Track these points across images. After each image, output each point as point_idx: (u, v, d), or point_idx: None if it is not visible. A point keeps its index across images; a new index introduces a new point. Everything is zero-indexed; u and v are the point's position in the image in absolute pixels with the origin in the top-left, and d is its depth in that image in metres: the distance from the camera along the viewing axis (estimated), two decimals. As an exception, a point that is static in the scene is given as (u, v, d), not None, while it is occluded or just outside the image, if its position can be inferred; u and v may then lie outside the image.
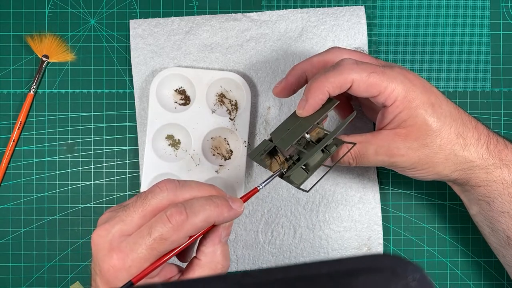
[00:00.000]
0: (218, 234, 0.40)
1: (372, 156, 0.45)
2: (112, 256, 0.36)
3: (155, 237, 0.36)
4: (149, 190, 0.39)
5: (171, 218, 0.36)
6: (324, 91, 0.43)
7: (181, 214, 0.36)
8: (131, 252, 0.36)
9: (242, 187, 0.53)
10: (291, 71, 0.48)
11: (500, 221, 0.46)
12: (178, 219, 0.36)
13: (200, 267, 0.39)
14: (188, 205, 0.37)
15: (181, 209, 0.37)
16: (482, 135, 0.45)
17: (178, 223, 0.36)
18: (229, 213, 0.39)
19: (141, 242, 0.36)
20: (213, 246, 0.39)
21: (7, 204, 0.55)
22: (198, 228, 0.37)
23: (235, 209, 0.39)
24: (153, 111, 0.54)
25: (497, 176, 0.45)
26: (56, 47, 0.56)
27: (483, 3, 0.57)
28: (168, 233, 0.36)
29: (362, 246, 0.55)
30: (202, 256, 0.39)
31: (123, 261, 0.36)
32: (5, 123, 0.56)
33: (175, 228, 0.36)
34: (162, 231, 0.36)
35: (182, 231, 0.36)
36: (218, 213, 0.38)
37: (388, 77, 0.43)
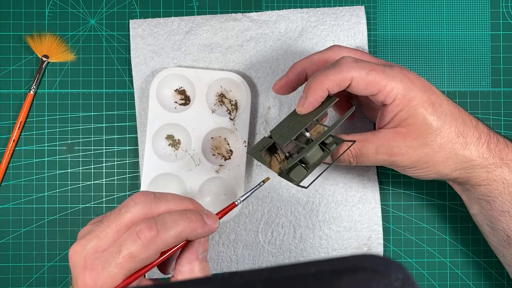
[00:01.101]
0: (194, 251, 0.39)
1: (372, 155, 0.45)
2: (85, 275, 0.36)
3: (125, 255, 0.35)
4: (123, 203, 0.38)
5: (140, 235, 0.35)
6: (324, 88, 0.43)
7: (151, 230, 0.36)
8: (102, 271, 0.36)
9: (242, 187, 0.53)
10: (291, 68, 0.48)
11: (501, 220, 0.46)
12: (148, 235, 0.35)
13: None
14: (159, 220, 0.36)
15: (151, 224, 0.36)
16: (482, 134, 0.45)
17: (148, 240, 0.35)
18: (203, 229, 0.38)
19: (111, 260, 0.36)
20: (189, 263, 0.38)
21: (7, 204, 0.55)
22: (170, 244, 0.36)
23: (210, 225, 0.38)
24: (153, 111, 0.54)
25: (497, 175, 0.45)
26: (56, 47, 0.56)
27: (483, 3, 0.57)
28: (138, 250, 0.35)
29: (362, 246, 0.55)
30: (179, 275, 0.38)
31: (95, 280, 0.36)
32: (5, 123, 0.56)
33: (145, 245, 0.35)
34: (131, 248, 0.35)
35: (152, 248, 0.36)
36: (192, 228, 0.37)
37: (387, 76, 0.43)
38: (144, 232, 0.36)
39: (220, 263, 0.55)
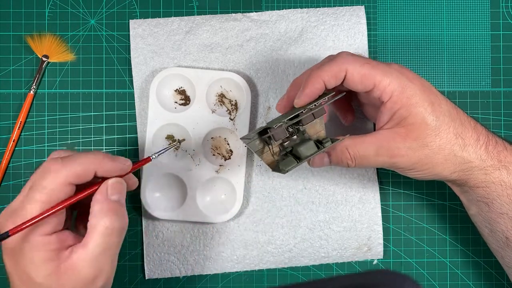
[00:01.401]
0: (103, 191, 0.40)
1: (372, 157, 0.45)
2: (7, 225, 0.38)
3: (36, 188, 0.38)
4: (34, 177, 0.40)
5: (47, 167, 0.38)
6: (320, 80, 0.44)
7: (56, 162, 0.38)
8: (21, 212, 0.38)
9: (242, 187, 0.53)
10: (291, 85, 0.49)
11: (499, 222, 0.46)
12: (54, 167, 0.38)
13: (91, 227, 0.39)
14: (66, 157, 0.39)
15: (56, 159, 0.39)
16: (481, 136, 0.45)
17: (55, 171, 0.38)
18: (112, 163, 0.40)
19: (27, 199, 0.38)
20: (99, 203, 0.40)
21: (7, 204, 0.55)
22: (78, 174, 0.38)
23: (118, 161, 0.41)
24: (153, 111, 0.54)
25: (496, 177, 0.45)
26: (56, 47, 0.56)
27: (483, 3, 0.57)
28: (46, 181, 0.38)
29: (362, 246, 0.55)
30: (91, 216, 0.40)
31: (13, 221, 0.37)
32: (5, 123, 0.56)
33: (52, 176, 0.38)
34: (41, 181, 0.38)
35: (60, 177, 0.38)
36: (99, 162, 0.39)
37: (382, 71, 0.44)
38: (50, 164, 0.38)
39: (220, 263, 0.55)
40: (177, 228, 0.55)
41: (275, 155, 0.47)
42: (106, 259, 0.39)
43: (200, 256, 0.55)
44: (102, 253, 0.39)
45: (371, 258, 0.56)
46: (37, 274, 0.38)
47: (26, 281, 0.38)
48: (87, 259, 0.38)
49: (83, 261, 0.38)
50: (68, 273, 0.38)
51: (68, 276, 0.38)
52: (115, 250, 0.40)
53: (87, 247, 0.39)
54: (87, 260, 0.38)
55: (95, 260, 0.39)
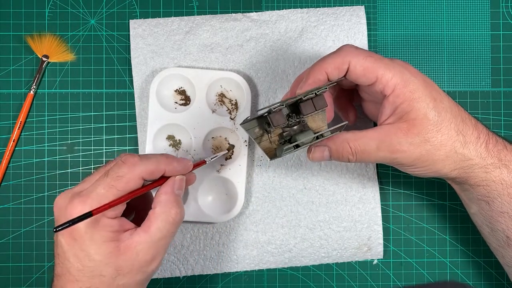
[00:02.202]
0: (171, 184, 0.44)
1: (374, 152, 0.45)
2: (73, 203, 0.40)
3: (112, 176, 0.40)
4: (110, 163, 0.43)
5: (125, 161, 0.41)
6: (323, 71, 0.45)
7: (133, 157, 0.42)
8: (91, 193, 0.40)
9: (243, 186, 0.53)
10: (295, 81, 0.50)
11: (500, 221, 0.46)
12: (132, 160, 0.41)
13: (154, 214, 0.42)
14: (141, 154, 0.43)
15: (133, 154, 0.42)
16: (481, 134, 0.45)
17: (131, 163, 0.41)
18: (179, 163, 0.44)
19: (99, 182, 0.40)
20: (165, 194, 0.43)
21: (7, 204, 0.55)
22: (150, 171, 0.42)
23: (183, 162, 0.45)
24: (153, 112, 0.54)
25: (496, 176, 0.45)
26: (56, 47, 0.56)
27: (483, 3, 0.57)
28: (123, 171, 0.41)
29: (362, 246, 0.55)
30: (157, 204, 0.42)
31: (84, 203, 0.39)
32: (5, 123, 0.56)
33: (129, 168, 0.41)
34: (118, 170, 0.41)
35: (136, 171, 0.41)
36: (168, 161, 0.43)
37: (385, 65, 0.44)
38: (128, 158, 0.41)
39: (220, 263, 0.55)
40: (177, 228, 0.55)
41: (273, 143, 0.47)
42: (163, 245, 0.42)
43: (200, 256, 0.55)
44: (161, 239, 0.42)
45: (371, 258, 0.56)
46: (97, 252, 0.40)
47: (83, 258, 0.40)
48: (147, 242, 0.41)
49: (143, 243, 0.41)
50: (127, 253, 0.41)
51: (126, 256, 0.41)
52: (171, 239, 0.43)
53: (149, 231, 0.41)
54: (147, 243, 0.41)
55: (154, 245, 0.41)
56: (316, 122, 0.47)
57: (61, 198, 0.41)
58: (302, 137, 0.45)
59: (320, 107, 0.45)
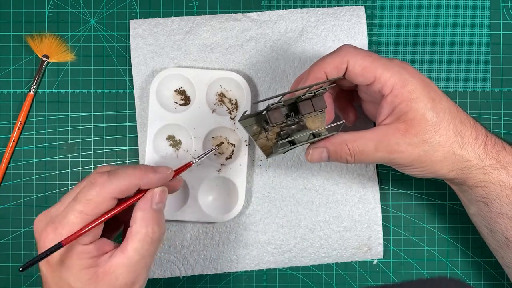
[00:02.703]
0: (148, 200, 0.41)
1: (372, 153, 0.45)
2: (48, 231, 0.39)
3: (81, 200, 0.38)
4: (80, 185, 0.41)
5: (93, 181, 0.39)
6: (322, 71, 0.45)
7: (102, 176, 0.39)
8: (62, 220, 0.38)
9: (243, 185, 0.53)
10: (294, 82, 0.50)
11: (499, 222, 0.46)
12: (100, 180, 0.39)
13: (131, 233, 0.40)
14: (110, 171, 0.40)
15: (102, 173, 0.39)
16: (480, 135, 0.45)
17: (100, 184, 0.38)
18: (155, 174, 0.41)
19: (70, 209, 0.38)
20: (142, 211, 0.40)
21: (7, 204, 0.55)
22: (123, 189, 0.39)
23: (160, 172, 0.41)
24: (153, 112, 0.54)
25: (494, 177, 0.45)
26: (56, 47, 0.56)
27: (483, 3, 0.57)
28: (92, 194, 0.38)
29: (362, 246, 0.55)
30: (133, 222, 0.40)
31: (55, 231, 0.38)
32: (5, 123, 0.56)
33: (98, 189, 0.38)
34: (86, 193, 0.38)
35: (106, 191, 0.38)
36: (142, 175, 0.40)
37: (384, 65, 0.44)
38: (96, 178, 0.39)
39: (220, 263, 0.55)
40: (177, 228, 0.55)
41: (270, 140, 0.46)
42: (143, 266, 0.40)
43: (200, 256, 0.55)
44: (140, 260, 0.40)
45: (371, 258, 0.56)
46: (75, 281, 0.39)
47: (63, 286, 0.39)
48: (125, 265, 0.39)
49: (121, 266, 0.39)
50: (105, 278, 0.39)
51: (105, 281, 0.39)
52: (152, 258, 0.41)
53: (127, 253, 0.39)
54: (125, 266, 0.39)
55: (133, 266, 0.39)
56: (315, 123, 0.47)
57: (38, 221, 0.40)
58: (300, 136, 0.45)
59: (319, 108, 0.45)
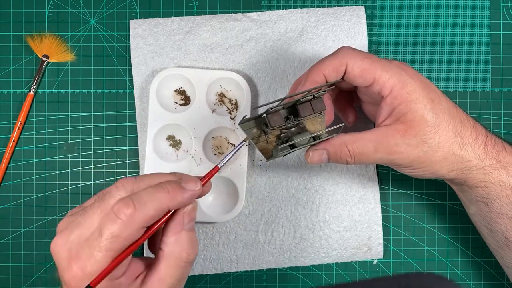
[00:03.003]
0: (179, 222, 0.38)
1: (371, 154, 0.45)
2: (72, 266, 0.35)
3: (107, 237, 0.35)
4: (106, 190, 0.37)
5: (118, 214, 0.35)
6: (321, 73, 0.45)
7: (128, 206, 0.35)
8: (89, 258, 0.35)
9: (243, 185, 0.53)
10: (293, 86, 0.50)
11: (499, 222, 0.46)
12: (126, 213, 0.35)
13: (164, 258, 0.38)
14: (135, 197, 0.36)
15: (127, 201, 0.35)
16: (480, 135, 0.45)
17: (127, 217, 0.35)
18: (183, 195, 0.38)
19: (95, 245, 0.35)
20: (175, 234, 0.38)
21: (7, 204, 0.55)
22: (150, 217, 0.36)
23: (190, 189, 0.38)
24: (153, 112, 0.54)
25: (495, 177, 0.45)
26: (56, 47, 0.56)
27: (483, 3, 0.57)
28: (119, 229, 0.35)
29: (362, 246, 0.55)
30: (165, 246, 0.38)
31: (82, 269, 0.35)
32: (5, 123, 0.56)
33: (125, 223, 0.35)
34: (112, 229, 0.35)
35: (134, 224, 0.35)
36: (170, 198, 0.37)
37: (382, 66, 0.44)
38: (121, 210, 0.35)
39: (220, 263, 0.55)
40: (177, 228, 0.55)
41: (270, 143, 0.47)
42: None
43: (200, 256, 0.55)
44: (175, 284, 0.38)
45: (371, 258, 0.56)
46: None
47: None
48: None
49: None
50: None
51: None
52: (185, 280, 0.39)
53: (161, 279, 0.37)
54: None
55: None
56: (315, 125, 0.47)
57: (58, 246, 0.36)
58: (299, 139, 0.45)
59: (319, 110, 0.45)
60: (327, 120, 0.48)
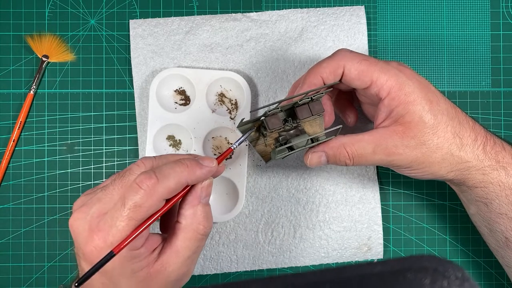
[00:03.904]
0: (197, 195, 0.40)
1: (370, 155, 0.45)
2: (93, 238, 0.36)
3: (130, 206, 0.36)
4: (126, 168, 0.39)
5: (141, 184, 0.36)
6: (318, 76, 0.45)
7: (150, 178, 0.37)
8: (110, 228, 0.36)
9: (244, 185, 0.53)
10: (292, 88, 0.50)
11: (499, 222, 0.46)
12: (149, 184, 0.36)
13: (181, 230, 0.39)
14: (157, 170, 0.38)
15: (150, 174, 0.37)
16: (479, 136, 0.45)
17: (149, 188, 0.36)
18: (202, 170, 0.39)
19: (117, 215, 0.36)
20: (192, 207, 0.40)
21: (7, 204, 0.55)
22: (171, 190, 0.38)
23: (206, 165, 0.40)
24: (153, 112, 0.54)
25: (494, 178, 0.45)
26: (56, 47, 0.56)
27: (483, 3, 0.57)
28: (142, 199, 0.36)
29: (362, 246, 0.55)
30: (182, 219, 0.40)
31: (104, 239, 0.36)
32: (5, 123, 0.56)
33: (147, 193, 0.36)
34: (135, 199, 0.36)
35: (155, 195, 0.37)
36: (189, 172, 0.39)
37: (380, 68, 0.44)
38: (144, 181, 0.37)
39: (220, 263, 0.55)
40: (177, 228, 0.55)
41: (269, 146, 0.47)
42: (193, 261, 0.40)
43: (200, 256, 0.55)
44: (190, 256, 0.40)
45: (371, 258, 0.56)
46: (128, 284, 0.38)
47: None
48: (177, 262, 0.39)
49: (173, 264, 0.39)
50: (158, 277, 0.39)
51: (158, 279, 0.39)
52: (199, 253, 0.41)
53: (177, 250, 0.39)
54: (176, 263, 0.39)
55: (184, 263, 0.39)
56: (313, 128, 0.47)
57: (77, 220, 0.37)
58: (297, 141, 0.45)
59: (317, 112, 0.45)
60: (328, 121, 0.48)
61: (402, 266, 0.26)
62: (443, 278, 0.25)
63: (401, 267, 0.26)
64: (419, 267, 0.26)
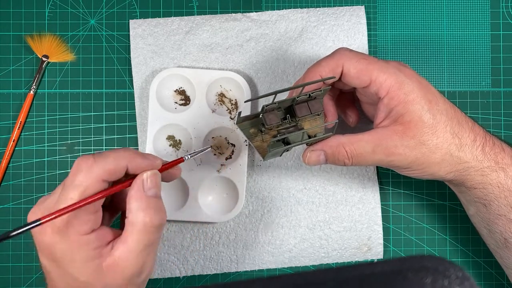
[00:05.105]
0: (139, 187, 0.39)
1: (369, 155, 0.45)
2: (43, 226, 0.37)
3: (68, 187, 0.37)
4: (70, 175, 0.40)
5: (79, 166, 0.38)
6: (317, 75, 0.45)
7: (88, 159, 0.38)
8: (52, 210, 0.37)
9: (243, 185, 0.53)
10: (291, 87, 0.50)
11: (497, 223, 0.46)
12: (86, 164, 0.37)
13: (129, 224, 0.39)
14: (96, 153, 0.39)
15: (87, 156, 0.38)
16: (478, 137, 0.45)
17: (87, 168, 0.37)
18: (143, 159, 0.40)
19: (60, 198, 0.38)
20: (136, 200, 0.39)
21: (7, 204, 0.55)
22: (110, 171, 0.38)
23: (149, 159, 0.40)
24: (153, 112, 0.54)
25: (493, 179, 0.45)
26: (56, 47, 0.56)
27: (483, 3, 0.57)
28: (79, 179, 0.37)
29: (362, 246, 0.55)
30: (129, 213, 0.39)
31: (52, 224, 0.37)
32: (5, 123, 0.56)
33: (84, 173, 0.37)
34: (73, 179, 0.37)
35: (93, 173, 0.37)
36: (130, 156, 0.39)
37: (379, 67, 0.44)
38: (81, 163, 0.38)
39: (220, 263, 0.55)
40: (177, 228, 0.55)
41: (266, 142, 0.47)
42: (148, 254, 0.40)
43: (200, 256, 0.55)
44: (143, 250, 0.39)
45: (371, 258, 0.56)
46: (80, 274, 0.38)
47: (68, 279, 0.38)
48: (129, 257, 0.38)
49: (125, 259, 0.38)
50: (111, 271, 0.38)
51: (112, 274, 0.38)
52: (156, 245, 0.40)
53: (128, 245, 0.38)
54: (129, 258, 0.38)
55: (138, 257, 0.39)
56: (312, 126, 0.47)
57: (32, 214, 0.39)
58: (294, 137, 0.44)
59: (316, 110, 0.45)
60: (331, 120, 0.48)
61: (403, 266, 0.26)
62: (444, 277, 0.25)
63: (402, 267, 0.26)
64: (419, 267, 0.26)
